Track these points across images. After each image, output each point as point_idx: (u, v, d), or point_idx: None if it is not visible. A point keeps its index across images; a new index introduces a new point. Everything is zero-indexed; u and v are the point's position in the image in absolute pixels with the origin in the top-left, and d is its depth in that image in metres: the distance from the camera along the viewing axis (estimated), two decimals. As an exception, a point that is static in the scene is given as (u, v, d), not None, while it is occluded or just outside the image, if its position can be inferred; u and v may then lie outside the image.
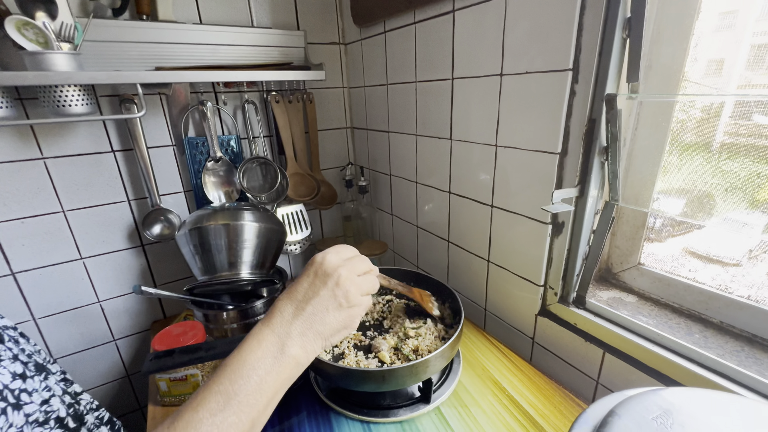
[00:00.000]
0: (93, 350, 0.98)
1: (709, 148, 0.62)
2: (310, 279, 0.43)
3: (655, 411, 0.31)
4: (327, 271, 0.43)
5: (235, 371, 0.37)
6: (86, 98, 0.75)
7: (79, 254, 0.91)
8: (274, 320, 0.41)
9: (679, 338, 0.57)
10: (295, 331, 0.40)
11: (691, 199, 0.65)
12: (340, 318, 0.42)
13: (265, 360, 0.38)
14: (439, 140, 0.85)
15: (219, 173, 0.99)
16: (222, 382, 0.37)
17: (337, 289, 0.42)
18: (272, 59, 0.99)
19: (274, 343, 0.39)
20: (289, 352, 0.39)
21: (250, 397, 0.36)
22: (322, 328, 0.41)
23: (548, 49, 0.58)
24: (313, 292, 0.42)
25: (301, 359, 0.40)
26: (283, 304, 0.42)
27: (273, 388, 0.38)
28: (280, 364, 0.39)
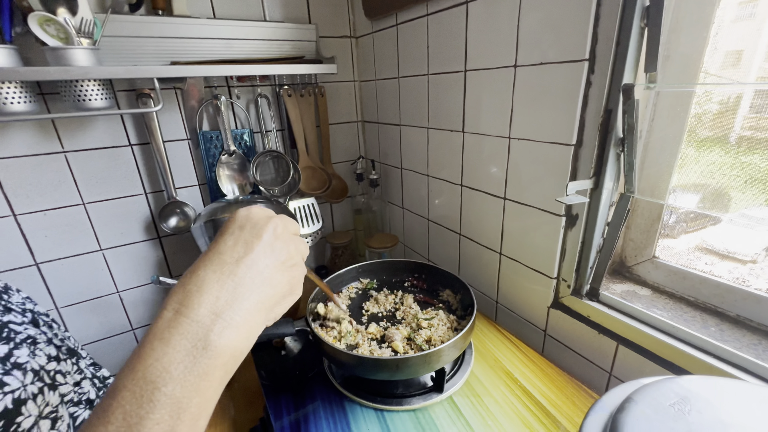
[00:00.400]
0: (112, 339, 1.01)
1: (727, 141, 0.61)
2: (235, 235, 0.32)
3: (673, 398, 0.31)
4: (258, 222, 0.32)
5: (130, 398, 0.24)
6: (105, 93, 0.77)
7: (99, 245, 0.93)
8: (191, 300, 0.28)
9: (695, 331, 0.56)
10: (227, 308, 0.28)
11: (708, 193, 0.64)
12: (284, 279, 0.32)
13: (178, 366, 0.26)
14: (452, 133, 0.85)
15: (233, 167, 1.00)
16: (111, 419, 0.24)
17: (276, 241, 0.32)
18: (284, 53, 1.00)
19: (190, 335, 0.27)
20: (219, 341, 0.27)
21: (159, 426, 0.24)
22: (263, 294, 0.30)
23: (564, 40, 0.58)
24: (245, 248, 0.31)
25: (239, 345, 0.29)
26: (200, 275, 0.29)
27: (197, 400, 0.26)
28: (204, 365, 0.26)
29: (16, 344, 0.39)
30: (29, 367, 0.38)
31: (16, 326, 0.41)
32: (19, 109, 0.70)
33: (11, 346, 0.38)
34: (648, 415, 0.29)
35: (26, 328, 0.42)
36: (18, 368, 0.37)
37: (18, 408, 0.34)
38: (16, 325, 0.41)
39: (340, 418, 0.59)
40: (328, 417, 0.59)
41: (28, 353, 0.39)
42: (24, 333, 0.41)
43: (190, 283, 0.29)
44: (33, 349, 0.40)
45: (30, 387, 0.37)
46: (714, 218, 0.73)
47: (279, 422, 0.59)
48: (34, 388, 0.37)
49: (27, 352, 0.39)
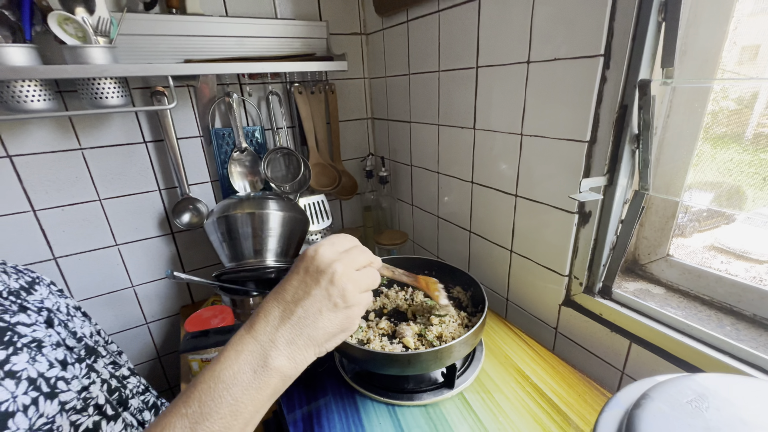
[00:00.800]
0: (127, 332, 1.04)
1: (743, 138, 0.60)
2: (300, 276, 0.37)
3: (690, 395, 0.31)
4: (320, 266, 0.37)
5: (207, 391, 0.32)
6: (121, 90, 0.78)
7: (114, 241, 0.95)
8: (258, 325, 0.35)
9: (710, 330, 0.56)
10: (282, 339, 0.35)
11: (724, 191, 0.63)
12: (336, 320, 0.37)
13: (243, 375, 0.33)
14: (463, 129, 0.85)
15: (244, 163, 1.01)
16: (190, 403, 0.31)
17: (331, 287, 0.36)
18: (295, 50, 1.01)
19: (255, 353, 0.34)
20: (274, 363, 0.34)
21: (223, 420, 0.31)
22: (314, 333, 0.36)
23: (578, 35, 0.57)
24: (304, 291, 0.36)
25: (287, 371, 0.35)
26: (269, 306, 0.37)
27: (251, 408, 0.33)
28: (261, 380, 0.33)
29: (17, 349, 0.36)
30: (25, 375, 0.35)
31: (24, 328, 0.39)
32: (39, 107, 0.72)
33: (9, 352, 0.35)
34: (665, 412, 0.29)
35: (34, 330, 0.40)
36: (11, 377, 0.34)
37: (4, 421, 0.32)
38: (24, 327, 0.39)
39: (351, 412, 0.60)
40: (340, 411, 0.60)
41: (27, 359, 0.36)
42: (29, 336, 0.39)
43: (262, 310, 0.36)
44: (34, 354, 0.38)
45: (21, 398, 0.34)
46: (728, 217, 0.71)
47: (292, 415, 0.60)
48: (26, 398, 0.34)
49: (26, 358, 0.36)
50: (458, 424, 0.57)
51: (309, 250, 0.38)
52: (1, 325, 0.37)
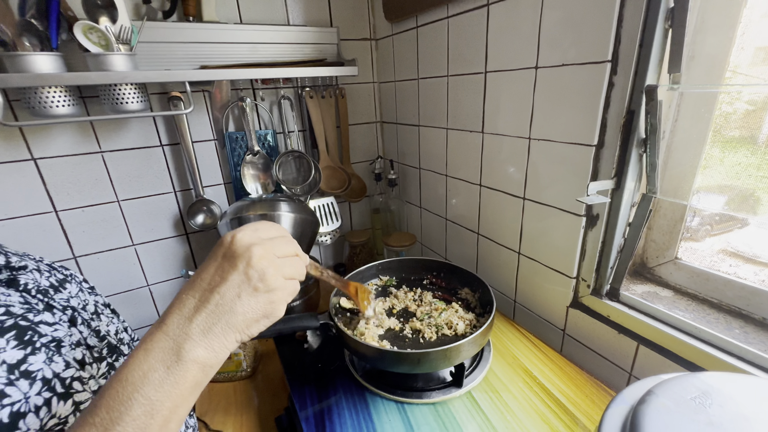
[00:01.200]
0: (142, 330, 1.06)
1: (755, 141, 0.60)
2: (217, 262, 0.36)
3: (694, 392, 0.32)
4: (237, 250, 0.35)
5: (114, 395, 0.30)
6: (140, 96, 0.81)
7: (131, 241, 0.98)
8: (170, 319, 0.34)
9: (719, 332, 0.56)
10: (197, 329, 0.33)
11: (735, 195, 0.64)
12: (258, 305, 0.35)
13: (155, 373, 0.31)
14: (471, 133, 0.86)
15: (257, 166, 1.04)
16: (97, 412, 0.29)
17: (250, 270, 0.35)
18: (307, 56, 1.03)
19: (166, 349, 0.32)
20: (189, 356, 0.32)
21: (137, 421, 0.30)
22: (233, 319, 0.34)
23: (586, 41, 0.58)
24: (221, 277, 0.35)
25: (207, 361, 0.33)
26: (183, 296, 0.35)
27: (169, 404, 0.31)
28: (176, 375, 0.32)
29: (35, 349, 0.36)
30: (40, 375, 0.35)
31: (46, 327, 0.39)
32: (63, 112, 0.75)
33: (27, 352, 0.35)
34: (669, 408, 0.30)
35: (56, 330, 0.40)
36: (26, 377, 0.34)
37: (15, 422, 0.32)
38: (45, 326, 0.39)
39: (362, 408, 0.61)
40: (351, 408, 0.62)
41: (44, 359, 0.36)
42: (49, 335, 0.38)
43: (176, 302, 0.35)
44: (52, 354, 0.37)
45: (34, 399, 0.34)
46: (741, 221, 0.71)
47: (304, 412, 0.61)
48: (39, 399, 0.34)
49: (43, 358, 0.36)
50: (467, 422, 0.58)
51: (227, 235, 0.37)
52: (24, 324, 0.37)
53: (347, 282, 0.65)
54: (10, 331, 0.35)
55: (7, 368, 0.33)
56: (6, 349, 0.34)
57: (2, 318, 0.36)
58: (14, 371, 0.34)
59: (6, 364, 0.33)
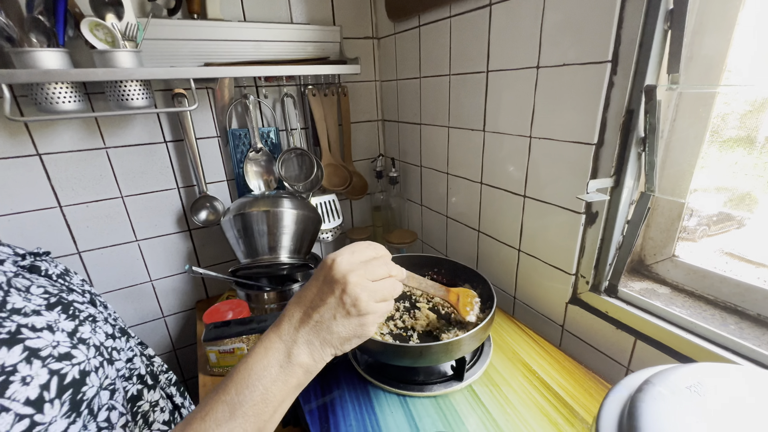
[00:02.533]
0: (145, 325, 1.07)
1: (753, 142, 0.61)
2: (318, 284, 0.41)
3: (689, 381, 0.33)
4: (335, 276, 0.39)
5: (242, 381, 0.36)
6: (145, 92, 0.82)
7: (135, 237, 0.99)
8: (282, 326, 0.40)
9: (715, 328, 0.57)
10: (302, 339, 0.39)
11: (731, 194, 0.65)
12: (350, 327, 0.40)
13: (271, 369, 0.37)
14: (472, 132, 0.87)
15: (260, 163, 1.05)
16: (228, 391, 0.36)
17: (344, 296, 0.39)
18: (309, 54, 1.04)
19: (280, 350, 0.38)
20: (296, 360, 0.38)
21: (255, 407, 0.36)
22: (329, 337, 0.39)
23: (587, 42, 0.59)
24: (320, 299, 0.40)
25: (309, 367, 0.39)
26: (292, 309, 0.41)
27: (279, 396, 0.37)
28: (286, 373, 0.38)
29: (81, 321, 0.43)
30: (91, 342, 0.42)
31: (79, 305, 0.45)
32: (69, 108, 0.76)
33: (76, 323, 0.42)
34: (665, 396, 0.31)
35: (87, 308, 0.46)
36: (83, 343, 0.40)
37: (83, 378, 0.38)
38: (79, 304, 0.45)
39: (365, 401, 0.62)
40: (354, 401, 0.63)
41: (90, 330, 0.43)
42: (86, 311, 0.45)
43: (287, 312, 0.41)
44: (94, 326, 0.44)
45: (93, 360, 0.40)
46: (739, 222, 0.73)
47: (308, 405, 0.62)
48: (95, 361, 0.41)
49: (89, 329, 0.43)
50: (468, 414, 0.59)
51: (328, 258, 0.41)
52: (64, 302, 0.43)
53: (448, 289, 0.66)
54: (57, 306, 0.42)
55: (67, 335, 0.39)
56: (60, 321, 0.40)
57: (45, 296, 0.42)
58: (73, 338, 0.40)
59: (66, 332, 0.39)
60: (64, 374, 0.37)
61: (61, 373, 0.37)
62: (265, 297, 0.91)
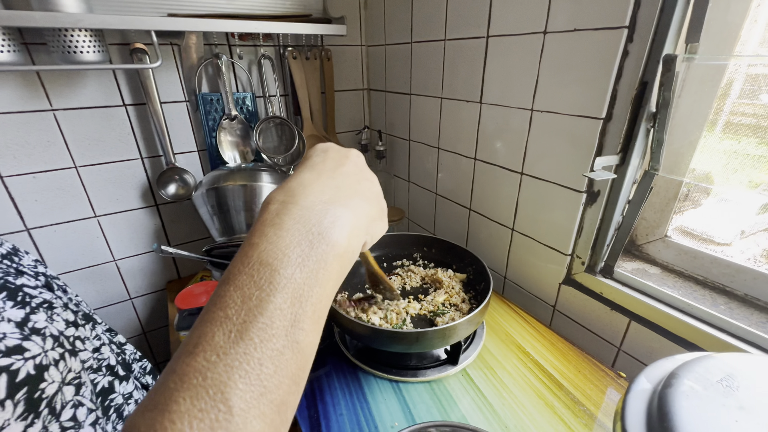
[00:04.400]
0: (109, 308, 0.99)
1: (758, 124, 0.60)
2: (323, 156, 0.31)
3: (718, 374, 0.31)
4: (341, 151, 0.32)
5: (248, 281, 0.22)
6: (97, 45, 0.70)
7: (93, 212, 0.89)
8: (296, 193, 0.26)
9: (706, 308, 0.57)
10: (331, 202, 0.26)
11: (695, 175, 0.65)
12: (375, 199, 0.31)
13: (295, 250, 0.23)
14: (468, 104, 0.82)
15: (235, 132, 0.95)
16: (229, 303, 0.21)
17: (359, 171, 0.31)
18: (289, 10, 0.93)
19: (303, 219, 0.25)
20: (332, 232, 0.25)
21: (283, 312, 0.21)
22: (361, 203, 0.29)
23: (602, 4, 0.54)
24: (337, 163, 0.30)
25: (350, 244, 0.27)
26: (301, 176, 0.28)
27: (318, 291, 0.23)
28: (319, 251, 0.24)
29: (33, 308, 0.36)
30: (48, 332, 0.36)
31: (31, 290, 0.39)
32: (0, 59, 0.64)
33: (27, 311, 0.35)
34: (698, 392, 0.29)
35: (41, 292, 0.40)
36: (37, 333, 0.34)
37: (41, 374, 0.33)
38: (30, 289, 0.39)
39: (355, 388, 0.59)
40: (343, 387, 0.59)
41: (45, 318, 0.36)
42: (39, 297, 0.39)
43: (291, 182, 0.28)
44: (50, 314, 0.38)
45: (51, 353, 0.34)
46: (695, 202, 0.73)
47: (293, 392, 0.59)
48: (55, 354, 0.35)
49: (44, 317, 0.36)
50: (462, 399, 0.57)
51: (317, 145, 0.33)
52: (10, 287, 0.36)
53: None
54: (1, 292, 0.35)
55: (15, 325, 0.33)
56: (5, 309, 0.34)
57: None
58: (24, 328, 0.33)
59: (12, 322, 0.33)
60: (15, 371, 0.31)
61: (11, 369, 0.31)
62: (244, 278, 0.85)
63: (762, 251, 0.65)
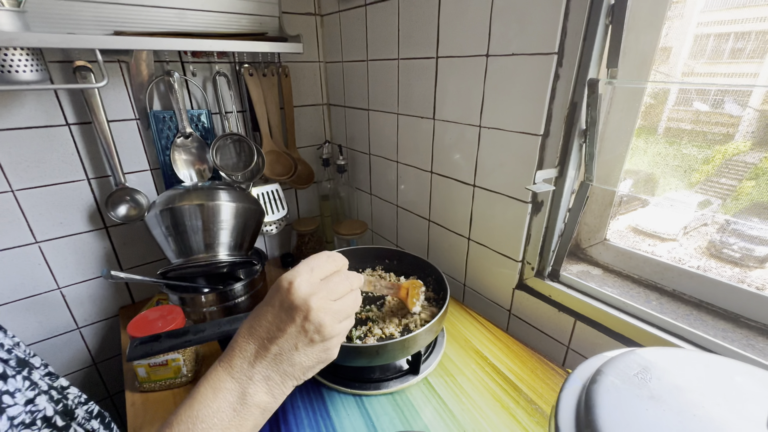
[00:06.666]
0: (54, 339, 0.92)
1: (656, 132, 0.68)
2: (275, 311, 0.36)
3: (635, 368, 0.34)
4: (294, 302, 0.35)
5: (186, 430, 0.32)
6: (35, 63, 0.67)
7: (34, 238, 0.83)
8: (234, 362, 0.35)
9: (639, 305, 0.63)
10: (259, 375, 0.34)
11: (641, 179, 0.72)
12: (313, 354, 0.36)
13: (223, 414, 0.33)
14: (422, 119, 0.85)
15: (190, 150, 0.93)
16: None
17: (307, 323, 0.35)
18: (244, 28, 0.93)
19: (233, 391, 0.34)
20: (253, 400, 0.34)
21: None
22: (290, 369, 0.35)
23: (535, 32, 0.59)
24: (278, 329, 0.35)
25: (268, 405, 0.35)
26: (244, 341, 0.36)
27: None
28: (241, 416, 0.33)
29: None
30: None
31: None
32: (-76, 80, 0.59)
33: None
34: (617, 385, 0.33)
35: None
36: None
37: None
38: None
39: (318, 406, 0.59)
40: (307, 406, 0.59)
41: None
42: None
43: (237, 346, 0.35)
44: None
45: None
46: (642, 201, 0.82)
47: (255, 415, 0.58)
48: None
49: None
50: (424, 408, 0.59)
51: (284, 280, 0.36)
52: None
53: (399, 285, 0.65)
54: None
55: None
56: None
57: None
58: None
59: None
60: None
61: None
62: (203, 300, 0.83)
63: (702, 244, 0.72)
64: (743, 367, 0.34)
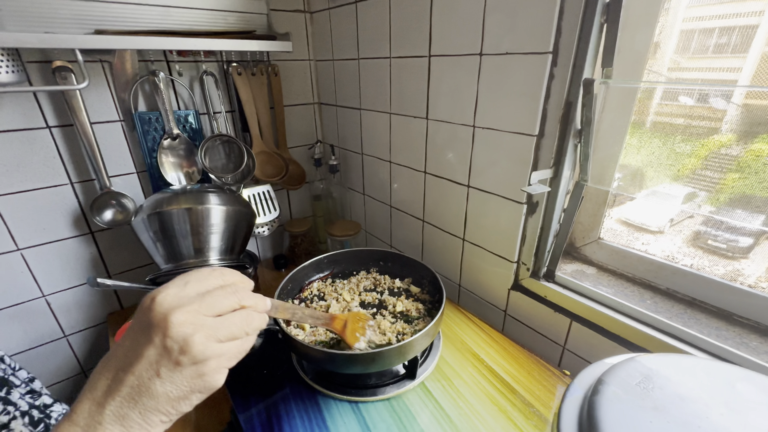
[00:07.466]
0: (40, 348, 0.90)
1: (644, 127, 0.68)
2: (132, 334, 0.30)
3: (637, 377, 0.34)
4: (152, 319, 0.29)
5: None
6: (11, 65, 0.64)
7: (15, 245, 0.80)
8: (81, 406, 0.29)
9: (634, 304, 0.63)
10: (110, 417, 0.28)
11: (630, 173, 0.73)
12: (182, 382, 0.30)
13: None
14: (415, 119, 0.84)
15: (177, 152, 0.91)
16: None
17: (168, 340, 0.29)
18: (231, 26, 0.91)
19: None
20: None
21: None
22: (152, 402, 0.29)
23: (530, 31, 0.58)
24: (135, 353, 0.29)
25: None
26: (95, 378, 0.30)
27: None
28: None
29: None
30: None
31: None
32: None
33: None
34: (619, 396, 0.32)
35: None
36: None
37: None
38: None
39: (314, 414, 0.58)
40: (302, 414, 0.58)
41: None
42: None
43: (87, 385, 0.30)
44: None
45: None
46: (625, 200, 0.83)
47: (249, 424, 0.57)
48: None
49: None
50: (421, 413, 0.58)
51: (147, 296, 0.31)
52: None
53: (332, 316, 0.55)
54: None
55: None
56: None
57: None
58: None
59: None
60: None
61: None
62: (194, 305, 0.81)
63: (688, 235, 0.73)
64: (743, 373, 0.34)
